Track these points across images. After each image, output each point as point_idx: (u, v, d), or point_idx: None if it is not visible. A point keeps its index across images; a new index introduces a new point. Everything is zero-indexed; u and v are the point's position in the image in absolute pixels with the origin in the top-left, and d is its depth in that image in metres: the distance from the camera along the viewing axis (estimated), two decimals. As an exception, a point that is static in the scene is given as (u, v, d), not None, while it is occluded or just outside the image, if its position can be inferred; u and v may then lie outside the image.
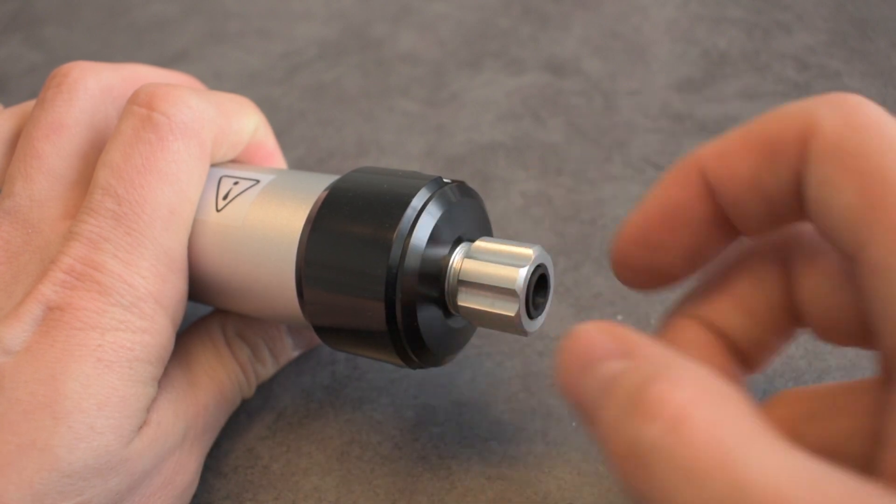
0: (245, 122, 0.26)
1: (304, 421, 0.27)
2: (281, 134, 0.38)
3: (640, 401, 0.13)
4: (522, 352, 0.28)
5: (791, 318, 0.18)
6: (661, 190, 0.18)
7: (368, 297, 0.21)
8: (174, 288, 0.22)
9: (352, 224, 0.21)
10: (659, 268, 0.19)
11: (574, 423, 0.26)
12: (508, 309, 0.21)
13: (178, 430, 0.23)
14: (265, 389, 0.28)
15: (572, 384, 0.16)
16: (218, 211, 0.24)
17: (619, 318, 0.29)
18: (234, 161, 0.26)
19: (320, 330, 0.23)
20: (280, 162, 0.28)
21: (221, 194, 0.24)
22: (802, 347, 0.27)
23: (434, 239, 0.21)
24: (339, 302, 0.21)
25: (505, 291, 0.21)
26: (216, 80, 0.44)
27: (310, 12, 0.50)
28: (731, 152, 0.17)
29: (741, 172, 0.17)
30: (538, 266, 0.21)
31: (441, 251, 0.22)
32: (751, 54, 0.41)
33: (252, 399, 0.27)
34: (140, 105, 0.23)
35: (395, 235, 0.20)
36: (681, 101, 0.39)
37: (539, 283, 0.22)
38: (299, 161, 0.38)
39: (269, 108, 0.38)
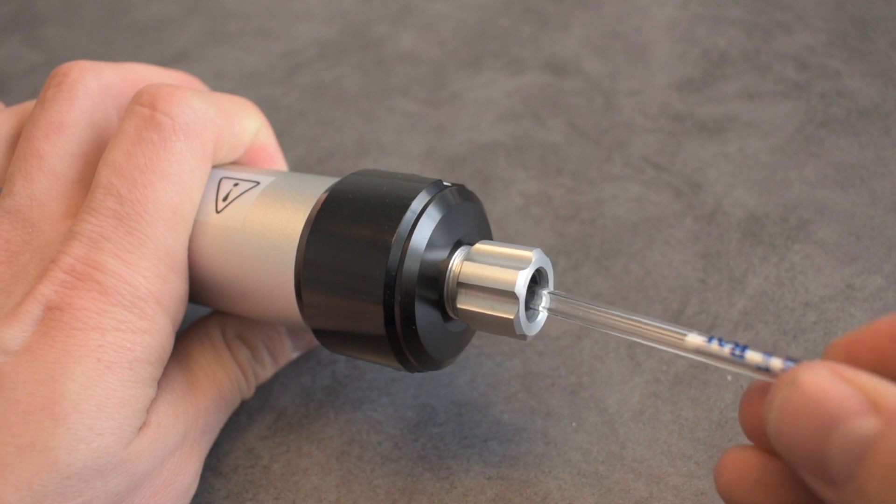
0: (246, 124, 0.26)
1: (304, 421, 0.27)
2: (281, 134, 0.38)
3: None
4: (522, 352, 0.28)
5: None
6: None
7: (367, 300, 0.21)
8: (175, 288, 0.22)
9: (351, 226, 0.21)
10: None
11: (574, 423, 0.26)
12: (508, 311, 0.21)
13: (177, 430, 0.23)
14: (265, 390, 0.28)
15: (809, 441, 0.14)
16: (218, 212, 0.24)
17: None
18: (234, 163, 0.26)
19: (319, 333, 0.23)
20: (281, 165, 0.28)
21: (221, 196, 0.24)
22: None
23: (433, 242, 0.21)
24: (337, 304, 0.21)
25: (504, 294, 0.21)
26: (216, 80, 0.44)
27: (310, 12, 0.50)
28: None
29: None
30: (538, 269, 0.21)
31: (440, 254, 0.22)
32: (751, 54, 0.41)
33: (252, 399, 0.27)
34: (143, 105, 0.23)
35: (394, 238, 0.20)
36: (681, 101, 0.39)
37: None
38: (299, 161, 0.38)
39: (269, 108, 0.38)
